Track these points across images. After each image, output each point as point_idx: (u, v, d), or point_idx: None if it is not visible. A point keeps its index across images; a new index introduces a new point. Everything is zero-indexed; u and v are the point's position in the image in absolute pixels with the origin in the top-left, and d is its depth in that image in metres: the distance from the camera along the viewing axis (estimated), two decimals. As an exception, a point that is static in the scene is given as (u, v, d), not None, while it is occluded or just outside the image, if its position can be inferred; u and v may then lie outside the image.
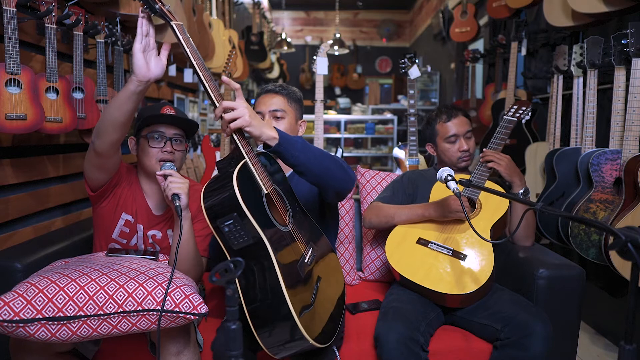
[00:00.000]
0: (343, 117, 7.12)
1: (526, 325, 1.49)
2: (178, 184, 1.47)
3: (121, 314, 1.26)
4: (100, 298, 1.25)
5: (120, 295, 1.26)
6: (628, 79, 2.09)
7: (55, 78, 1.85)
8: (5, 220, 1.86)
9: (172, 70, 3.32)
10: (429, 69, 7.15)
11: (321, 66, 2.70)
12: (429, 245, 1.73)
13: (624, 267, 2.00)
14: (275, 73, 7.86)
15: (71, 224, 2.19)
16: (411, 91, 2.67)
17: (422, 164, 2.78)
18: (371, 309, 1.80)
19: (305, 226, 1.48)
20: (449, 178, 1.55)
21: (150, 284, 1.30)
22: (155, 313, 1.27)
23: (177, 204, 1.43)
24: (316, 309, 1.35)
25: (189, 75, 3.71)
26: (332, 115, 7.37)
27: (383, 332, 1.48)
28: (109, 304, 1.25)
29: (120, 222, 1.64)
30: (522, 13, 3.65)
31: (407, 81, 2.68)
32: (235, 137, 1.31)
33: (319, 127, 2.69)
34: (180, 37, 1.28)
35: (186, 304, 1.29)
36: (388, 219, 1.85)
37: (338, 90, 9.72)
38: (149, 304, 1.27)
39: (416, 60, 2.71)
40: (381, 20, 9.75)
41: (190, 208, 1.52)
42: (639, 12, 2.36)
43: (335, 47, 7.37)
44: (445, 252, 1.70)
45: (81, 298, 1.24)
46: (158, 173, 1.52)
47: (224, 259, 1.00)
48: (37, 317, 1.20)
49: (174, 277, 1.33)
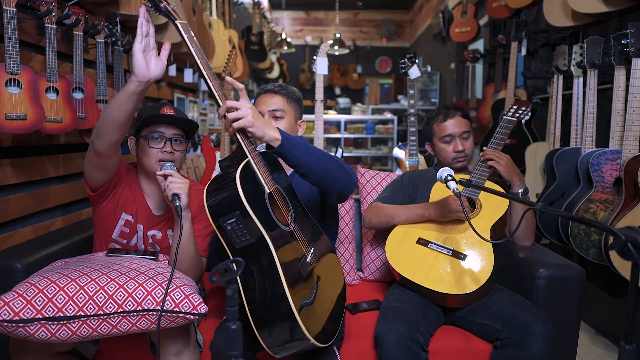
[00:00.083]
0: (343, 117, 7.12)
1: (526, 325, 1.49)
2: (178, 184, 1.47)
3: (121, 314, 1.26)
4: (100, 298, 1.25)
5: (120, 295, 1.26)
6: (628, 79, 2.09)
7: (55, 78, 1.85)
8: (5, 220, 1.86)
9: (172, 70, 3.32)
10: (429, 69, 7.14)
11: (321, 66, 2.70)
12: (429, 245, 1.73)
13: (624, 267, 2.00)
14: (275, 73, 7.86)
15: (71, 224, 2.19)
16: (411, 91, 2.67)
17: (422, 164, 2.78)
18: (371, 309, 1.80)
19: (307, 226, 1.48)
20: (449, 178, 1.55)
21: (150, 284, 1.30)
22: (155, 313, 1.27)
23: (177, 204, 1.44)
24: (316, 308, 1.35)
25: (189, 75, 3.70)
26: (332, 115, 7.37)
27: (383, 332, 1.48)
28: (108, 304, 1.25)
29: (120, 222, 1.64)
30: (522, 13, 3.65)
31: (407, 81, 2.68)
32: (238, 137, 1.31)
33: (319, 127, 2.69)
34: (185, 36, 1.28)
35: (186, 304, 1.29)
36: (388, 219, 1.85)
37: (338, 90, 9.72)
38: (149, 304, 1.27)
39: (416, 60, 2.71)
40: (381, 20, 9.75)
41: (190, 208, 1.52)
42: (639, 12, 2.35)
43: (335, 47, 7.36)
44: (445, 252, 1.70)
45: (81, 298, 1.24)
46: (158, 173, 1.52)
47: (223, 259, 1.00)
48: (37, 317, 1.20)
49: (173, 277, 1.33)
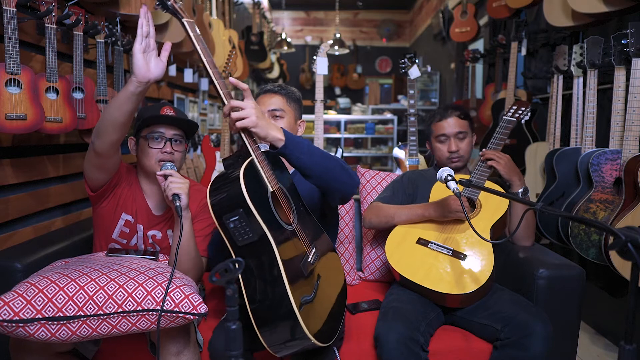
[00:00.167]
0: (343, 117, 7.12)
1: (526, 325, 1.49)
2: (178, 184, 1.47)
3: (121, 314, 1.26)
4: (100, 298, 1.25)
5: (120, 295, 1.26)
6: (628, 79, 2.09)
7: (55, 78, 1.85)
8: (5, 220, 1.86)
9: (172, 70, 3.32)
10: (429, 69, 7.14)
11: (321, 66, 2.70)
12: (429, 245, 1.73)
13: (624, 267, 2.00)
14: (275, 73, 7.86)
15: (71, 224, 2.19)
16: (411, 91, 2.67)
17: (422, 164, 2.78)
18: (371, 309, 1.80)
19: (309, 225, 1.48)
20: (449, 178, 1.55)
21: (149, 284, 1.30)
22: (154, 313, 1.27)
23: (178, 204, 1.44)
24: (316, 306, 1.35)
25: (189, 75, 3.70)
26: (332, 115, 7.37)
27: (383, 332, 1.48)
28: (108, 304, 1.25)
29: (120, 222, 1.64)
30: (522, 13, 3.65)
31: (407, 81, 2.68)
32: (242, 135, 1.32)
33: (319, 127, 2.69)
34: (192, 35, 1.29)
35: (186, 304, 1.29)
36: (388, 219, 1.85)
37: (338, 90, 9.72)
38: (149, 304, 1.27)
39: (416, 60, 2.70)
40: (381, 20, 9.75)
41: (190, 208, 1.52)
42: (639, 12, 2.35)
43: (335, 47, 7.36)
44: (445, 252, 1.70)
45: (81, 298, 1.24)
46: (158, 173, 1.52)
47: (223, 259, 1.00)
48: (37, 317, 1.20)
49: (173, 277, 1.33)
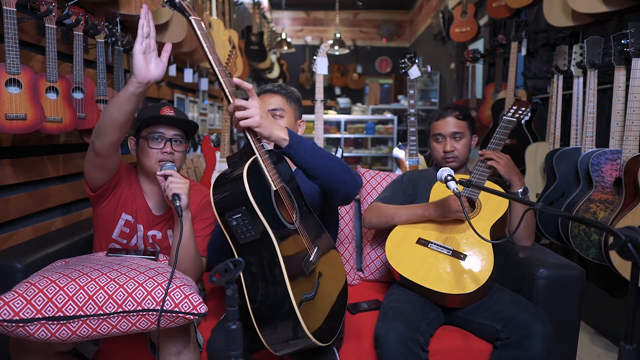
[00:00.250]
0: (343, 117, 7.12)
1: (526, 325, 1.49)
2: (178, 184, 1.47)
3: (121, 314, 1.26)
4: (100, 298, 1.25)
5: (120, 295, 1.26)
6: (628, 79, 2.09)
7: (55, 78, 1.85)
8: (5, 220, 1.86)
9: (172, 70, 3.32)
10: (429, 69, 7.14)
11: (321, 66, 2.70)
12: (429, 245, 1.73)
13: (624, 267, 2.00)
14: (275, 73, 7.86)
15: (71, 224, 2.19)
16: (411, 91, 2.67)
17: (422, 164, 2.78)
18: (371, 309, 1.80)
19: (311, 225, 1.48)
20: (449, 178, 1.55)
21: (149, 284, 1.30)
22: (154, 313, 1.27)
23: (178, 204, 1.44)
24: (316, 304, 1.35)
25: (189, 75, 3.70)
26: (332, 115, 7.37)
27: (383, 332, 1.48)
28: (108, 304, 1.25)
29: (120, 222, 1.64)
30: (522, 13, 3.65)
31: (407, 81, 2.68)
32: (247, 134, 1.32)
33: (319, 127, 2.69)
34: (199, 33, 1.29)
35: (186, 304, 1.29)
36: (388, 219, 1.85)
37: (338, 90, 9.71)
38: (149, 303, 1.27)
39: (416, 60, 2.71)
40: (381, 20, 9.75)
41: (190, 208, 1.52)
42: (639, 12, 2.35)
43: (335, 47, 7.37)
44: (445, 252, 1.70)
45: (81, 298, 1.24)
46: (158, 173, 1.52)
47: (223, 259, 1.00)
48: (37, 317, 1.21)
49: (173, 277, 1.33)
